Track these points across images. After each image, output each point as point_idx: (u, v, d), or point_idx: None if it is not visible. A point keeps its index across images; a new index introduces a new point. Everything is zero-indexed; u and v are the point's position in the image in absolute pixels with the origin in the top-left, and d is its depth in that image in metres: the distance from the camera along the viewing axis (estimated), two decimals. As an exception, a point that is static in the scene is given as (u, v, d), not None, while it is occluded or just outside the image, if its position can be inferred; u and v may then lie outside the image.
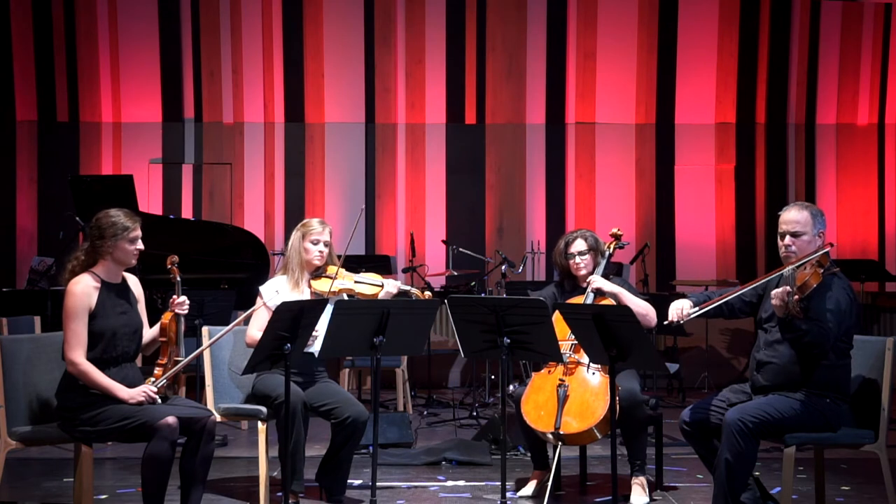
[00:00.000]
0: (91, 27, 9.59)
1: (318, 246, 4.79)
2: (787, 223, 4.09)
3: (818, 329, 3.86)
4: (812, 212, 4.09)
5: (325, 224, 4.85)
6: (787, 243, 4.08)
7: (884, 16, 9.80)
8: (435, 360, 8.23)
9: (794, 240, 4.06)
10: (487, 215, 9.71)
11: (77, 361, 3.94)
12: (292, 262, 4.82)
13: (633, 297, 4.75)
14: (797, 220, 4.07)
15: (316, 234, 4.80)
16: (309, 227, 4.82)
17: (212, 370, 4.78)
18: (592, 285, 4.76)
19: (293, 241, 4.84)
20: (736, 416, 3.91)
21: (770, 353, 4.08)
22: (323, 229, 4.81)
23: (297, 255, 4.81)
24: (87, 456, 4.14)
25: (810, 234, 4.06)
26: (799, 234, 4.06)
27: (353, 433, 4.55)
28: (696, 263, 9.65)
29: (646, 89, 9.76)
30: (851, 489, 4.98)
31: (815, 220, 4.07)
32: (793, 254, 4.05)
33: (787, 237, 4.08)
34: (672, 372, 7.19)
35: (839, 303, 3.94)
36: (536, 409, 4.54)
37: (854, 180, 9.81)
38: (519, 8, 9.73)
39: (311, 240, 4.79)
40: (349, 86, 9.71)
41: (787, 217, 4.10)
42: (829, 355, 3.94)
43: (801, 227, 4.06)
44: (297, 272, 4.80)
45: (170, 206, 9.49)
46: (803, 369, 3.98)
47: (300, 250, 4.80)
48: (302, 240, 4.81)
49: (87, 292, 3.99)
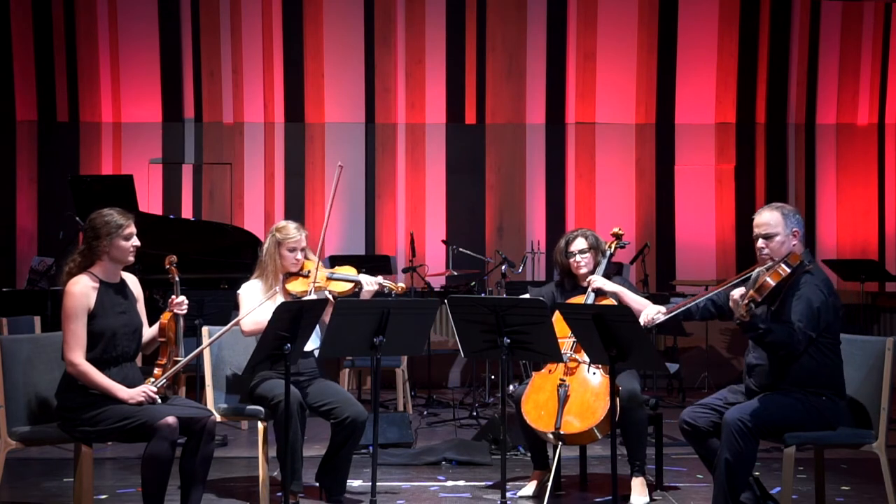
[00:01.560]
0: (91, 27, 9.59)
1: (295, 253, 4.69)
2: (758, 226, 4.08)
3: (782, 329, 3.84)
4: (783, 212, 4.06)
5: (301, 229, 4.73)
6: (761, 246, 4.06)
7: (884, 16, 9.80)
8: (435, 360, 8.23)
9: (767, 242, 4.04)
10: (487, 215, 9.71)
11: (76, 362, 3.94)
12: (266, 268, 4.69)
13: (635, 296, 4.74)
14: (767, 222, 4.04)
15: (293, 241, 4.68)
16: (286, 233, 4.69)
17: (212, 370, 4.78)
18: (593, 285, 4.76)
19: (268, 245, 4.70)
20: (735, 415, 3.91)
21: (757, 355, 4.09)
22: (300, 236, 4.70)
23: (271, 262, 4.69)
24: (87, 456, 4.14)
25: (783, 234, 4.03)
26: (771, 236, 4.03)
27: (353, 433, 4.55)
28: (696, 263, 9.65)
29: (646, 89, 9.76)
30: (851, 489, 4.98)
31: (786, 220, 4.04)
32: (767, 256, 4.04)
33: (759, 240, 4.07)
34: (672, 372, 7.19)
35: (810, 301, 3.91)
36: (537, 408, 4.54)
37: (854, 180, 9.81)
38: (519, 8, 9.73)
39: (288, 247, 4.68)
40: (349, 86, 9.71)
41: (759, 220, 4.09)
42: (801, 356, 3.91)
43: (771, 228, 4.03)
44: (270, 278, 4.68)
45: (170, 206, 9.49)
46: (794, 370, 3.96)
47: (276, 256, 4.69)
48: (278, 246, 4.68)
49: (85, 293, 3.99)
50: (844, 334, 4.14)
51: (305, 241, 4.73)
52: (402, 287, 4.85)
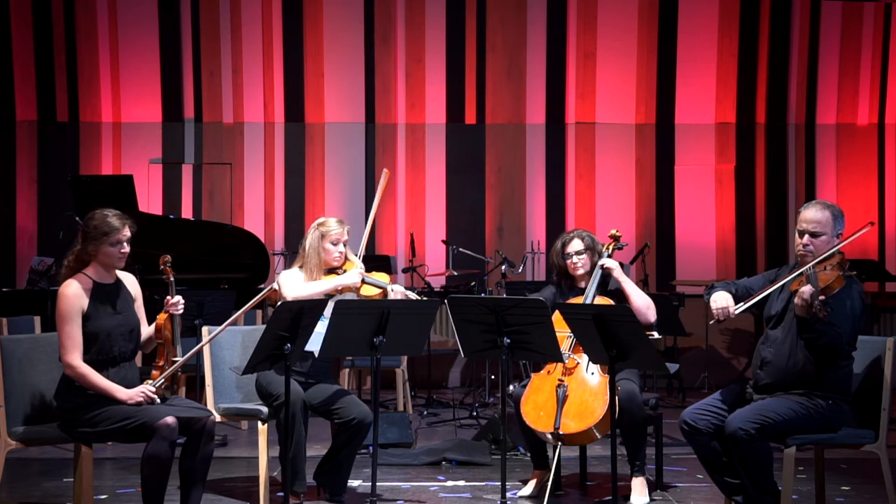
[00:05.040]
0: (91, 27, 9.59)
1: (338, 247, 4.79)
2: (807, 222, 4.04)
3: (833, 333, 3.85)
4: (833, 212, 4.04)
5: (342, 223, 4.83)
6: (805, 242, 4.03)
7: (884, 16, 9.80)
8: (435, 360, 8.23)
9: (813, 239, 4.02)
10: (487, 215, 9.71)
11: (74, 364, 3.94)
12: (310, 261, 4.78)
13: (637, 290, 4.82)
14: (818, 220, 4.02)
15: (336, 234, 4.78)
16: (328, 227, 4.79)
17: (212, 370, 4.78)
18: (604, 264, 4.79)
19: (311, 240, 4.79)
20: (737, 424, 3.89)
21: (773, 351, 4.08)
22: (342, 230, 4.80)
23: (315, 256, 4.77)
24: (87, 456, 4.14)
25: (829, 235, 4.02)
26: (818, 235, 4.01)
27: (357, 434, 4.55)
28: (696, 263, 9.64)
29: (646, 89, 9.76)
30: (851, 489, 4.98)
31: (835, 222, 4.02)
32: (810, 253, 4.02)
33: (805, 236, 4.04)
34: (672, 372, 7.19)
35: (854, 308, 3.93)
36: (536, 409, 4.54)
37: (854, 180, 9.81)
38: (519, 8, 9.73)
39: (331, 240, 4.77)
40: (349, 86, 9.71)
41: (808, 216, 4.05)
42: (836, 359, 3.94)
43: (820, 227, 4.01)
44: (315, 272, 4.77)
45: (170, 206, 9.49)
46: (808, 371, 3.97)
47: (319, 250, 4.78)
48: (321, 239, 4.78)
49: (78, 294, 3.98)
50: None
51: (347, 235, 4.82)
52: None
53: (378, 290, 4.81)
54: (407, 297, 4.77)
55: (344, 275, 4.79)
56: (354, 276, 4.77)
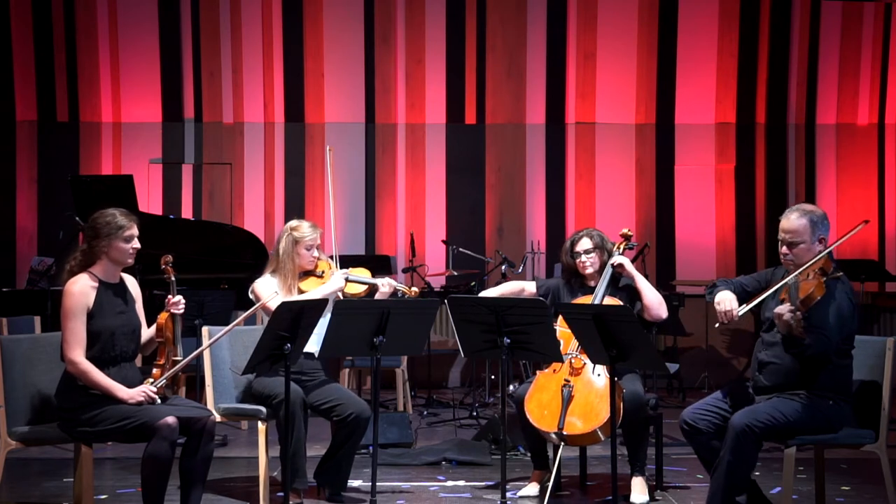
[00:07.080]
0: (91, 27, 9.59)
1: (312, 251, 4.76)
2: (784, 232, 4.04)
3: (819, 339, 3.84)
4: (812, 218, 4.01)
5: (315, 227, 4.80)
6: (784, 252, 4.05)
7: (884, 16, 9.80)
8: (435, 360, 8.23)
9: (791, 249, 4.02)
10: (487, 215, 9.71)
11: (76, 360, 3.94)
12: (284, 267, 4.75)
13: (650, 286, 4.83)
14: (794, 230, 4.01)
15: (310, 240, 4.76)
16: (302, 232, 4.76)
17: (212, 370, 4.77)
18: (615, 262, 4.79)
19: (284, 245, 4.75)
20: (743, 420, 3.89)
21: (771, 353, 4.08)
22: (316, 234, 4.78)
23: (289, 261, 4.74)
24: (87, 456, 4.15)
25: (808, 243, 4.00)
26: (795, 244, 4.01)
27: (356, 430, 4.56)
28: (696, 263, 9.64)
29: (646, 89, 9.76)
30: (851, 489, 4.98)
31: (814, 228, 4.00)
32: (790, 262, 4.03)
33: (783, 246, 4.05)
34: (672, 372, 7.19)
35: (840, 309, 3.91)
36: (540, 407, 4.53)
37: (854, 180, 9.81)
38: (519, 8, 9.72)
39: (305, 246, 4.75)
40: (349, 86, 9.70)
41: (784, 225, 4.05)
42: (831, 360, 3.94)
43: (798, 236, 4.00)
44: (289, 278, 4.74)
45: (170, 206, 9.49)
46: (804, 372, 3.98)
47: (293, 256, 4.75)
48: (295, 245, 4.74)
49: (84, 292, 3.99)
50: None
51: (320, 239, 4.81)
52: (415, 291, 4.86)
53: (364, 287, 4.80)
54: (394, 287, 4.76)
55: (329, 282, 4.75)
56: (339, 280, 4.75)
